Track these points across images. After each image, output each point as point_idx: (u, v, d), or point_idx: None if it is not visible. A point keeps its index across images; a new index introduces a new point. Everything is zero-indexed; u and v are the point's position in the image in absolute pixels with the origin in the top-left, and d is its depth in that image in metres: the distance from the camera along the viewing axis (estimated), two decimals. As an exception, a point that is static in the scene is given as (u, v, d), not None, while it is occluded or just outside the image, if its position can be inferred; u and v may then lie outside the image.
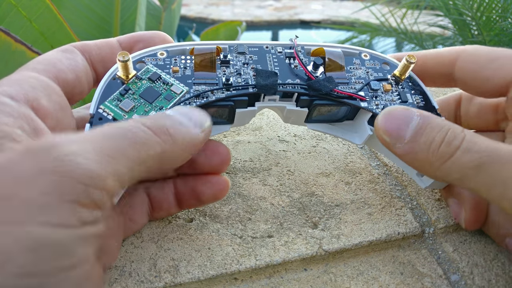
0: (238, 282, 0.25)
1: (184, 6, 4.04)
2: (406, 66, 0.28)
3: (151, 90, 0.25)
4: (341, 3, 4.62)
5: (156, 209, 0.26)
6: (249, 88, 0.26)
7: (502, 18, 1.19)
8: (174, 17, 1.38)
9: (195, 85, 0.26)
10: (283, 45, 0.29)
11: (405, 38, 1.45)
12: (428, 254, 0.27)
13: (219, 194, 0.26)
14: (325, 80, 0.27)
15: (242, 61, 0.27)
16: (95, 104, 0.24)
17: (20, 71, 0.23)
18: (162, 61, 0.26)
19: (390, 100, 0.28)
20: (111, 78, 0.25)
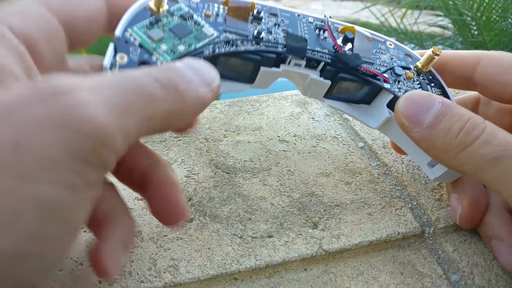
0: (238, 282, 0.25)
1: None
2: (431, 58, 0.28)
3: (182, 26, 0.24)
4: (341, 3, 4.62)
5: None
6: (278, 46, 0.26)
7: (502, 18, 1.19)
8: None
9: (225, 32, 0.25)
10: (315, 18, 0.29)
11: (405, 38, 1.45)
12: (428, 254, 0.27)
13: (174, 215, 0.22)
14: (353, 56, 0.27)
15: (274, 22, 0.27)
16: (122, 26, 0.23)
17: (32, 1, 0.20)
18: (195, 4, 0.26)
19: (411, 87, 0.28)
20: (142, 8, 0.24)
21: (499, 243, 0.25)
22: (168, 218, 0.23)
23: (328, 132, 0.37)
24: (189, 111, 0.19)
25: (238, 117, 0.39)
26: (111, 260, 0.20)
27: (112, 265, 0.20)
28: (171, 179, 0.23)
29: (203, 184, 0.31)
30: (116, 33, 0.22)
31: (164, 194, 0.22)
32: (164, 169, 0.23)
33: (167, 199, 0.22)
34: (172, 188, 0.22)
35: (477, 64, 0.27)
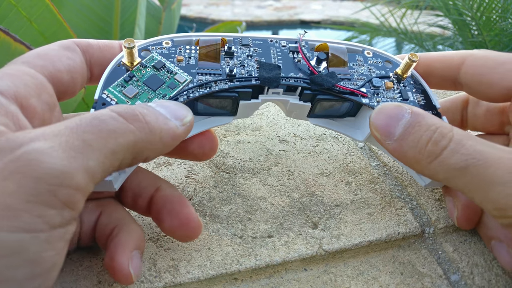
0: (238, 282, 0.25)
1: (184, 6, 4.04)
2: (408, 64, 0.28)
3: (155, 78, 0.25)
4: (341, 3, 4.62)
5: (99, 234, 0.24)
6: (252, 80, 0.26)
7: (502, 18, 1.19)
8: (174, 17, 1.37)
9: (199, 74, 0.26)
10: (288, 40, 0.29)
11: (405, 38, 1.45)
12: (428, 254, 0.27)
13: (187, 230, 0.23)
14: (328, 75, 0.27)
15: (246, 53, 0.27)
16: (99, 89, 0.24)
17: (16, 65, 0.22)
18: (167, 50, 0.27)
19: (391, 98, 0.28)
20: (116, 65, 0.25)
21: (498, 244, 0.25)
22: (181, 235, 0.24)
23: (328, 132, 0.37)
24: (159, 142, 0.20)
25: (238, 117, 0.39)
26: (132, 265, 0.22)
27: (134, 269, 0.22)
28: (177, 197, 0.24)
29: (203, 184, 0.31)
30: (95, 97, 0.24)
31: (174, 213, 0.23)
32: (168, 188, 0.24)
33: (178, 218, 0.23)
34: (180, 205, 0.24)
35: (462, 64, 0.27)
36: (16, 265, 0.15)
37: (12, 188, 0.15)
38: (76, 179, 0.16)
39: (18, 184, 0.15)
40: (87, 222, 0.24)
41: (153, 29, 1.29)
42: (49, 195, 0.16)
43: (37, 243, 0.16)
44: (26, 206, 0.15)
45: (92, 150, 0.17)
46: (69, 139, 0.17)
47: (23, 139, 0.16)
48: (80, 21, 1.02)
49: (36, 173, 0.15)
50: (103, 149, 0.17)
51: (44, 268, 0.16)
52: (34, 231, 0.15)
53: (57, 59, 0.24)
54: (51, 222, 0.16)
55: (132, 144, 0.19)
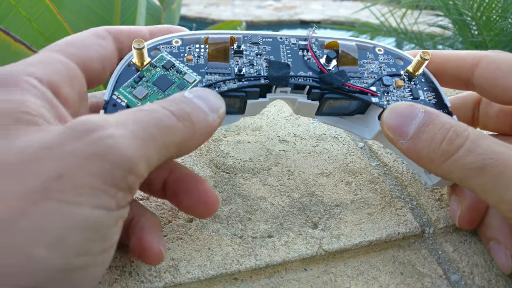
0: (238, 282, 0.25)
1: (184, 6, 4.04)
2: (420, 62, 0.28)
3: (165, 78, 0.25)
4: (341, 3, 4.62)
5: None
6: (261, 79, 0.26)
7: (502, 18, 1.19)
8: (174, 17, 1.38)
9: (207, 74, 0.26)
10: (298, 37, 0.29)
11: (405, 38, 1.45)
12: (428, 254, 0.27)
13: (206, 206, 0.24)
14: (337, 74, 0.27)
15: (256, 52, 0.27)
16: (110, 90, 0.24)
17: (49, 51, 0.22)
18: (177, 49, 0.27)
19: (401, 96, 0.27)
20: (126, 65, 0.25)
21: (496, 245, 0.25)
22: (201, 211, 0.24)
23: (328, 132, 0.37)
24: (199, 137, 0.21)
25: (238, 117, 0.39)
26: (161, 243, 0.23)
27: (163, 247, 0.23)
28: (192, 175, 0.24)
29: (203, 184, 0.31)
30: (105, 97, 0.24)
31: (191, 191, 0.24)
32: (181, 169, 0.25)
33: (196, 195, 0.24)
34: (197, 183, 0.24)
35: (476, 65, 0.27)
36: (94, 239, 0.17)
37: (93, 169, 0.16)
38: (140, 167, 0.18)
39: (98, 166, 0.17)
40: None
41: (153, 29, 1.28)
42: (122, 179, 0.17)
43: (110, 220, 0.17)
44: (104, 186, 0.17)
45: (154, 143, 0.19)
46: (137, 129, 0.18)
47: (96, 124, 0.17)
48: (80, 21, 1.02)
49: (113, 158, 0.17)
50: (161, 143, 0.19)
51: (110, 244, 0.18)
52: (110, 209, 0.17)
53: (88, 47, 0.24)
54: (120, 203, 0.17)
55: (180, 141, 0.20)
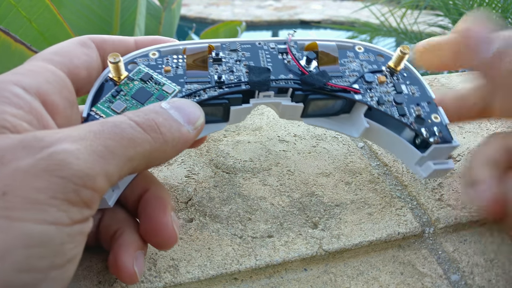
0: (238, 282, 0.25)
1: (184, 6, 4.04)
2: (400, 57, 0.28)
3: (143, 91, 0.25)
4: (341, 3, 4.62)
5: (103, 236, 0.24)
6: (241, 85, 0.26)
7: (502, 18, 1.19)
8: (174, 17, 1.38)
9: (187, 84, 0.25)
10: (276, 41, 0.29)
11: (405, 38, 1.45)
12: (428, 254, 0.27)
13: (158, 237, 0.23)
14: (319, 74, 0.27)
15: (235, 59, 0.27)
16: (88, 106, 0.24)
17: (36, 61, 0.22)
18: (154, 61, 0.26)
19: (385, 92, 0.27)
20: (103, 80, 0.25)
21: None
22: (155, 242, 0.23)
23: (328, 132, 0.37)
24: (171, 149, 0.21)
25: (238, 117, 0.39)
26: (136, 264, 0.22)
27: (138, 268, 0.22)
28: (160, 202, 0.23)
29: (203, 184, 0.31)
30: (83, 114, 0.24)
31: (150, 218, 0.23)
32: (156, 191, 0.24)
33: (153, 223, 0.23)
34: (159, 211, 0.23)
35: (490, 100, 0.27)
36: (42, 255, 0.16)
37: (41, 185, 0.16)
38: (97, 181, 0.17)
39: (47, 181, 0.16)
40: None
41: (153, 29, 1.29)
42: (74, 194, 0.17)
43: (61, 235, 0.17)
44: (53, 201, 0.16)
45: (113, 156, 0.18)
46: (93, 143, 0.18)
47: (51, 139, 0.17)
48: (80, 21, 1.02)
49: (64, 173, 0.17)
50: (122, 156, 0.18)
51: (65, 259, 0.17)
52: (60, 224, 0.16)
53: (74, 56, 0.24)
54: (73, 218, 0.17)
55: (148, 153, 0.20)
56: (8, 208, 0.15)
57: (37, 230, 0.16)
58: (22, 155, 0.17)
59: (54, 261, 0.17)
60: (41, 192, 0.16)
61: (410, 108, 0.27)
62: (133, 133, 0.19)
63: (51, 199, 0.16)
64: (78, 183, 0.17)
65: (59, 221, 0.16)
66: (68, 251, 0.17)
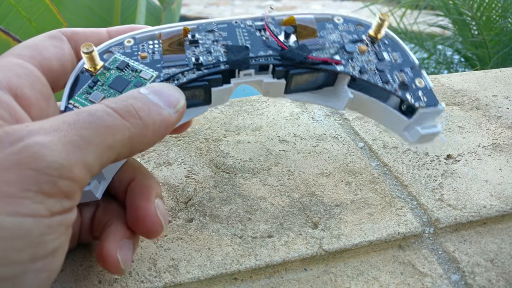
0: (238, 282, 0.25)
1: (184, 6, 4.04)
2: (379, 25, 0.27)
3: (120, 79, 0.24)
4: (341, 3, 4.62)
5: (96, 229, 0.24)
6: (220, 65, 0.25)
7: (502, 18, 1.19)
8: (174, 17, 1.37)
9: (165, 68, 0.25)
10: (253, 18, 0.28)
11: (405, 38, 1.45)
12: (428, 254, 0.27)
13: (143, 226, 0.22)
14: (298, 48, 0.26)
15: (212, 39, 0.27)
16: (65, 99, 0.24)
17: (5, 57, 0.22)
18: (130, 48, 0.26)
19: (367, 61, 0.27)
20: (79, 72, 0.25)
21: None
22: (140, 230, 0.23)
23: (328, 132, 0.37)
24: (153, 134, 0.20)
25: (238, 117, 0.39)
26: (120, 252, 0.21)
27: (122, 256, 0.21)
28: (144, 189, 0.23)
29: (203, 184, 0.31)
30: (61, 108, 0.23)
31: (134, 206, 0.22)
32: (141, 179, 0.24)
33: (136, 211, 0.22)
34: (142, 199, 0.23)
35: None
36: (20, 247, 0.16)
37: (13, 178, 0.16)
38: (74, 171, 0.17)
39: (19, 174, 0.16)
40: (85, 217, 0.24)
41: (153, 29, 1.28)
42: (49, 186, 0.16)
43: (39, 227, 0.16)
44: (27, 194, 0.16)
45: (90, 145, 0.18)
46: (67, 133, 0.17)
47: (22, 132, 0.17)
48: (80, 21, 1.02)
49: (37, 165, 0.16)
50: (100, 144, 0.18)
51: (47, 250, 0.17)
52: (36, 216, 0.16)
53: (44, 48, 0.23)
54: (51, 209, 0.17)
55: (128, 139, 0.19)
56: None
57: (10, 222, 0.15)
58: None
59: (35, 253, 0.16)
60: (12, 185, 0.16)
61: (393, 74, 0.26)
62: (111, 120, 0.19)
63: (23, 191, 0.16)
64: (53, 174, 0.16)
65: (36, 213, 0.16)
66: (49, 242, 0.17)
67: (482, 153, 0.35)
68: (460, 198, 0.30)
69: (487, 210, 0.29)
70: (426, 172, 0.33)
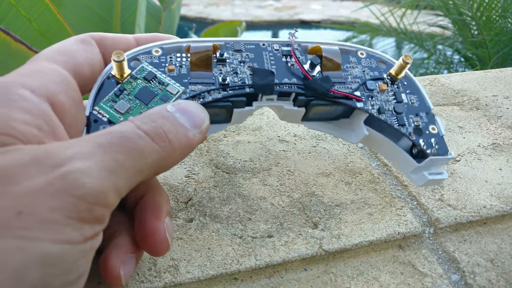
0: (238, 282, 0.25)
1: (184, 6, 4.04)
2: (402, 66, 0.28)
3: (147, 90, 0.24)
4: (341, 3, 4.62)
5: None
6: (245, 88, 0.26)
7: (502, 18, 1.19)
8: (174, 17, 1.38)
9: (191, 84, 0.25)
10: (280, 43, 0.28)
11: (405, 38, 1.45)
12: (428, 254, 0.27)
13: (150, 244, 0.22)
14: (322, 80, 0.27)
15: (239, 59, 0.27)
16: (90, 105, 0.23)
17: (38, 61, 0.22)
18: (157, 59, 0.26)
19: (385, 100, 0.27)
20: (105, 78, 0.24)
21: None
22: (147, 248, 0.22)
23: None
24: (179, 156, 0.21)
25: (238, 117, 0.39)
26: (124, 267, 0.21)
27: (124, 272, 0.21)
28: (155, 207, 0.23)
29: (203, 184, 0.31)
30: (86, 113, 0.23)
31: (143, 223, 0.22)
32: (152, 195, 0.23)
33: (145, 228, 0.22)
34: (152, 217, 0.22)
35: None
36: (56, 273, 0.16)
37: (56, 205, 0.16)
38: (108, 198, 0.18)
39: (62, 201, 0.16)
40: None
41: (153, 29, 1.29)
42: (87, 212, 0.17)
43: (74, 253, 0.17)
44: (67, 221, 0.16)
45: (123, 170, 0.18)
46: (104, 158, 0.18)
47: (63, 156, 0.17)
48: (80, 21, 1.02)
49: (78, 192, 0.17)
50: (132, 168, 0.18)
51: (77, 275, 0.17)
52: (73, 242, 0.17)
53: (76, 53, 0.23)
54: (85, 235, 0.17)
55: (156, 162, 0.19)
56: (25, 227, 0.15)
57: (53, 249, 0.16)
58: (34, 173, 0.16)
59: (67, 278, 0.17)
60: (57, 211, 0.16)
61: (409, 118, 0.27)
62: (142, 144, 0.19)
63: (66, 219, 0.16)
64: (91, 201, 0.17)
65: (74, 240, 0.16)
66: (81, 267, 0.17)
67: (482, 153, 0.35)
68: (460, 198, 0.30)
69: (487, 210, 0.29)
70: (426, 172, 0.33)
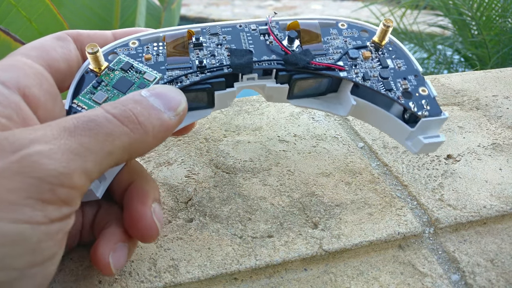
0: (238, 282, 0.25)
1: (184, 6, 4.04)
2: (384, 30, 0.27)
3: (124, 80, 0.25)
4: (341, 3, 4.62)
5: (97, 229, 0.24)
6: (224, 68, 0.25)
7: (502, 18, 1.19)
8: (174, 17, 1.38)
9: (168, 70, 0.25)
10: (257, 22, 0.28)
11: (405, 38, 1.45)
12: (429, 254, 0.27)
13: (138, 230, 0.22)
14: (302, 53, 0.26)
15: (216, 42, 0.27)
16: (69, 99, 0.24)
17: (13, 56, 0.22)
18: (134, 50, 0.26)
19: (370, 68, 0.27)
20: (84, 72, 0.25)
21: None
22: (136, 234, 0.23)
23: (328, 132, 0.37)
24: (152, 139, 0.20)
25: (238, 117, 0.39)
26: (113, 255, 0.21)
27: (114, 259, 0.21)
28: (141, 193, 0.23)
29: (203, 184, 0.31)
30: (65, 107, 0.24)
31: (130, 209, 0.22)
32: (139, 182, 0.24)
33: (132, 214, 0.22)
34: (138, 202, 0.23)
35: None
36: (17, 254, 0.16)
37: (14, 186, 0.16)
38: (74, 179, 0.17)
39: (20, 182, 0.16)
40: (87, 217, 0.24)
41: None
42: (49, 193, 0.17)
43: (37, 234, 0.17)
44: (27, 201, 0.16)
45: (90, 153, 0.18)
46: (67, 141, 0.18)
47: (23, 141, 0.17)
48: (80, 21, 1.02)
49: (37, 173, 0.16)
50: (100, 151, 0.18)
51: (44, 257, 0.17)
52: (35, 223, 0.16)
53: (51, 49, 0.24)
54: (50, 216, 0.17)
55: (128, 145, 0.19)
56: None
57: (10, 229, 0.16)
58: None
59: (32, 259, 0.17)
60: (14, 192, 0.16)
61: (396, 82, 0.26)
62: (110, 127, 0.19)
63: (25, 199, 0.16)
64: (54, 182, 0.17)
65: (35, 220, 0.16)
66: (47, 249, 0.17)
67: (482, 153, 0.35)
68: (460, 198, 0.30)
69: (487, 210, 0.29)
70: (426, 172, 0.33)
